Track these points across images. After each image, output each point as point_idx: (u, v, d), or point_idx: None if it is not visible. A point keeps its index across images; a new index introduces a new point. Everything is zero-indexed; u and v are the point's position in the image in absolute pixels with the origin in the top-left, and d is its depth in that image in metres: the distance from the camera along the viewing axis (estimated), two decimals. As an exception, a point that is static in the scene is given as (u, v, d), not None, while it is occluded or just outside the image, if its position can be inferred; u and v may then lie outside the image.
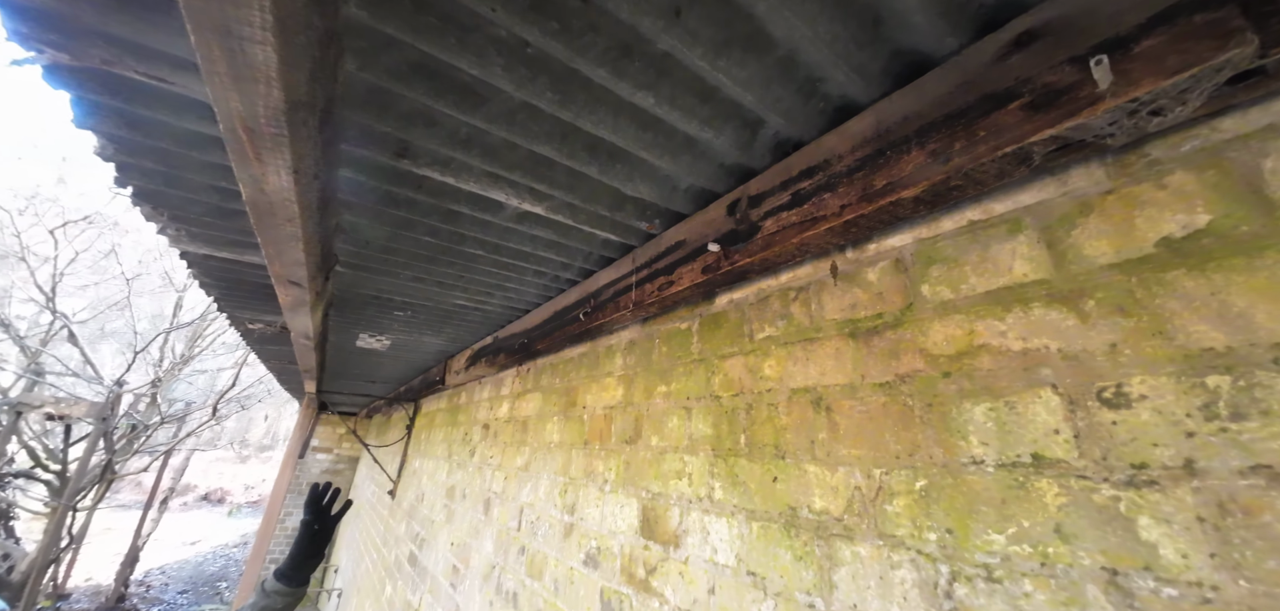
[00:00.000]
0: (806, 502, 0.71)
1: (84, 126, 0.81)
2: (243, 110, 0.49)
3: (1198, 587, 0.39)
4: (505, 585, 1.53)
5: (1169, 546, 0.41)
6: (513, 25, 0.58)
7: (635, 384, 1.23)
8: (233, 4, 0.37)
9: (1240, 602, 0.37)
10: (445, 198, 1.00)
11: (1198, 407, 0.41)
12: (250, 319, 2.06)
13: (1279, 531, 0.36)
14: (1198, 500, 0.40)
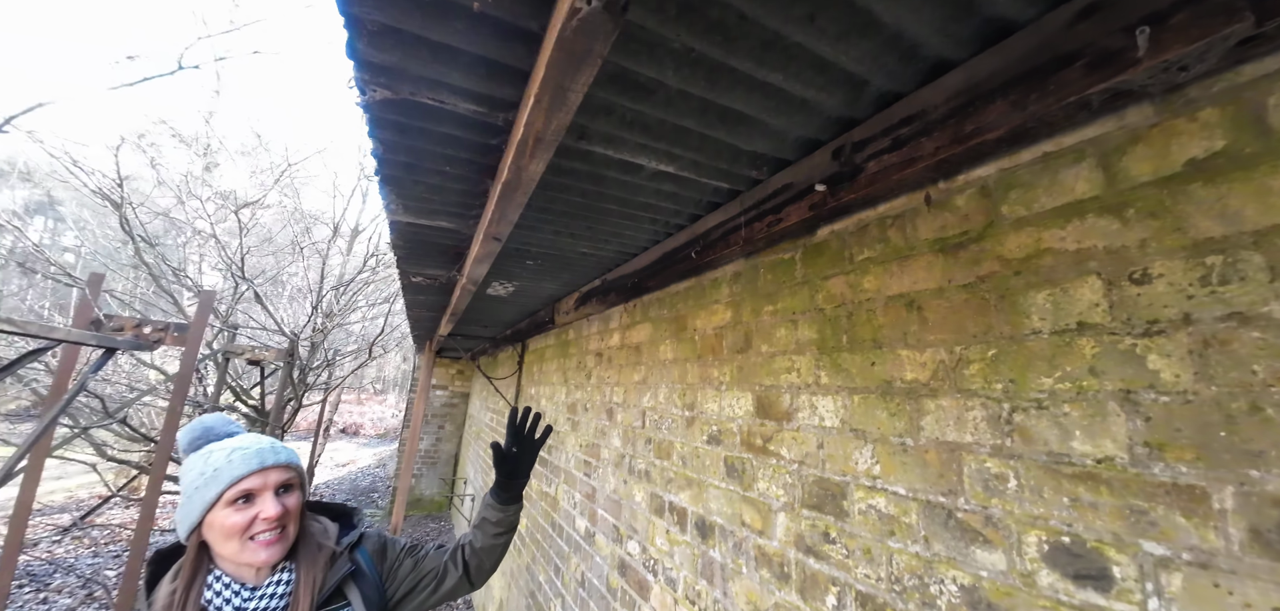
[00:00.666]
0: (899, 376, 0.95)
1: (372, 136, 1.20)
2: (541, 127, 0.80)
3: (1182, 394, 0.60)
4: (636, 466, 1.95)
5: (1167, 371, 0.61)
6: (686, 41, 0.83)
7: (743, 306, 1.50)
8: (572, 69, 0.66)
9: (1210, 398, 0.58)
10: (598, 165, 1.29)
11: (1197, 279, 0.60)
12: (415, 273, 2.59)
13: (1240, 354, 0.56)
14: (1189, 339, 0.60)
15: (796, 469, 1.16)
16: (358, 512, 1.05)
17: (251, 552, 0.83)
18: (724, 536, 1.37)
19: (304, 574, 0.87)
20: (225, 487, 0.81)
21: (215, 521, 0.81)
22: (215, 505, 0.81)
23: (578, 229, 1.83)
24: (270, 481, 0.85)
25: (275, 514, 0.83)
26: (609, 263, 2.34)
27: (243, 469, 0.83)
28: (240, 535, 0.82)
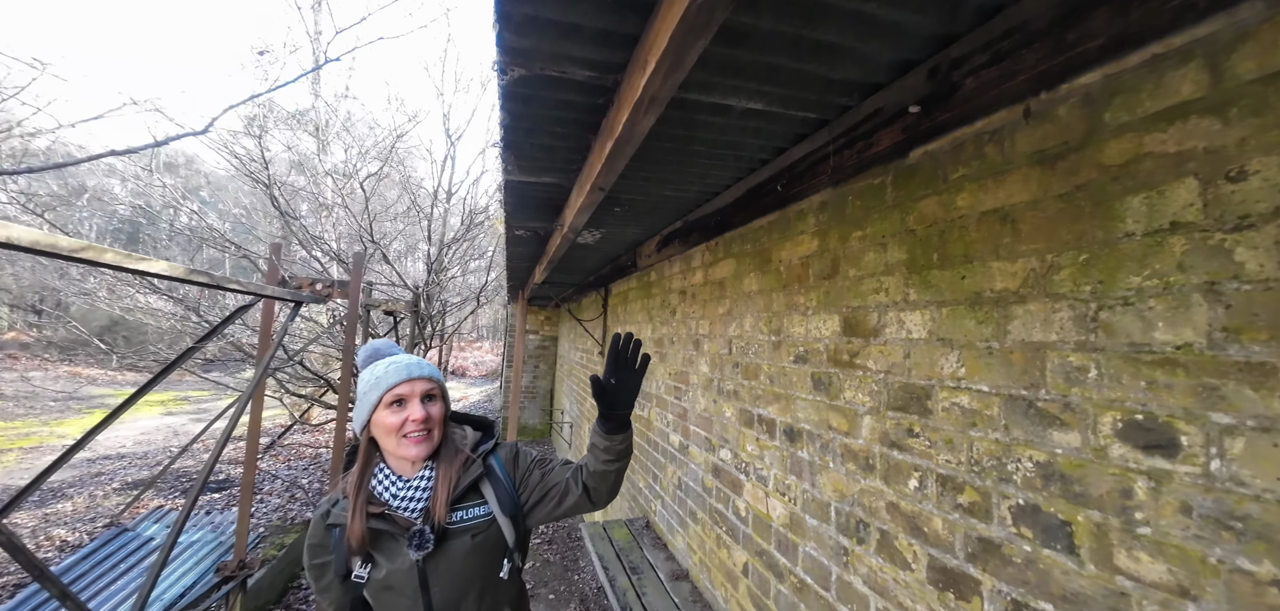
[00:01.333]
0: (988, 286, 1.03)
1: (503, 109, 1.43)
2: (657, 88, 0.96)
3: (1264, 282, 0.65)
4: (724, 387, 2.17)
5: (1252, 262, 0.66)
6: (782, -10, 0.92)
7: (830, 234, 1.59)
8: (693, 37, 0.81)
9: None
10: (691, 111, 1.42)
11: None
12: (519, 226, 2.92)
13: None
14: (1278, 231, 0.64)
15: (883, 377, 1.29)
16: (494, 425, 1.17)
17: (404, 447, 0.99)
18: (811, 439, 1.55)
19: (442, 471, 1.01)
20: (383, 392, 0.98)
21: (378, 420, 0.99)
22: (377, 407, 0.98)
23: (665, 174, 1.98)
24: (417, 390, 1.00)
25: (420, 417, 0.98)
26: (690, 204, 2.48)
27: (396, 378, 0.99)
28: (396, 432, 0.98)
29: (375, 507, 0.98)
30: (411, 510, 0.99)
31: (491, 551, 1.03)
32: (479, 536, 1.01)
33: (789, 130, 1.58)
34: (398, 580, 0.96)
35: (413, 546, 0.95)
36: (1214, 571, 0.68)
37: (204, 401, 11.94)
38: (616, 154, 1.30)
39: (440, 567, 0.98)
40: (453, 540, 0.99)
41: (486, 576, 1.02)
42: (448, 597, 0.98)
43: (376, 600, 0.99)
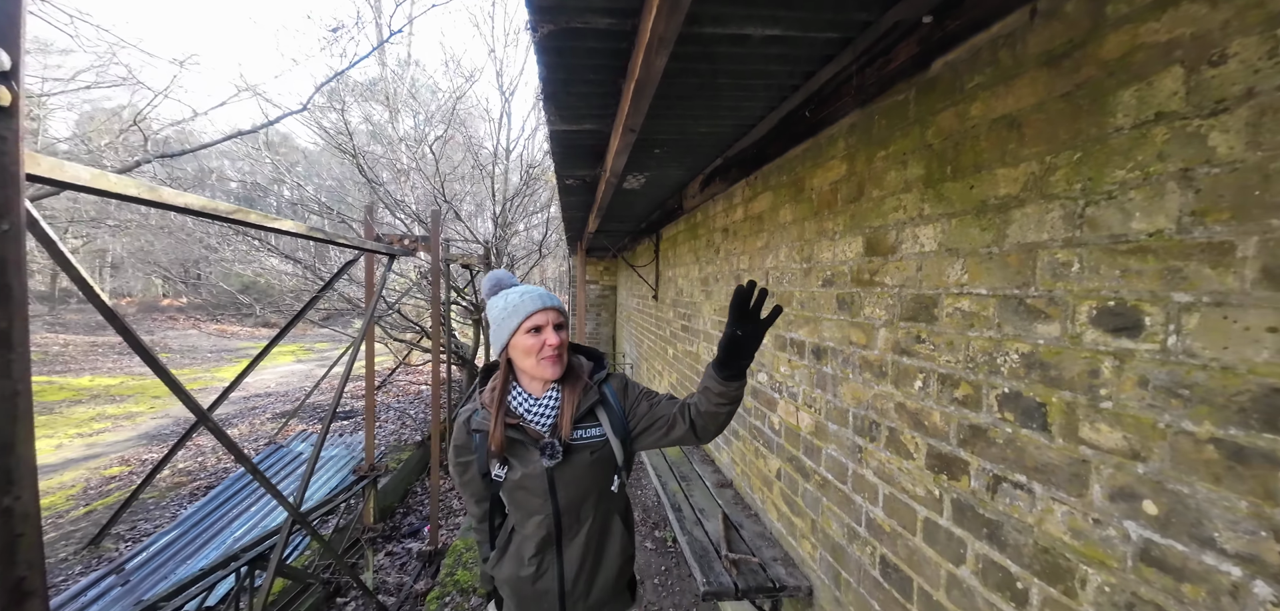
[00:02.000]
0: (993, 193, 1.06)
1: (540, 63, 1.59)
2: (663, 29, 1.08)
3: (1232, 164, 0.67)
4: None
5: (1223, 145, 0.68)
6: (776, -77, 0.98)
7: (857, 157, 1.61)
8: None
9: (1254, 163, 0.65)
10: (709, 44, 1.48)
11: (1265, 52, 0.63)
12: (568, 175, 3.13)
13: None
14: (1248, 111, 0.65)
15: (897, 291, 1.36)
16: (605, 357, 1.26)
17: (542, 368, 1.09)
18: (834, 355, 1.66)
19: (568, 393, 1.12)
20: (523, 318, 1.09)
21: (517, 344, 1.10)
22: (516, 332, 1.09)
23: (696, 110, 2.04)
24: (550, 318, 1.10)
25: (556, 342, 1.09)
26: (728, 139, 2.51)
27: (534, 306, 1.09)
28: (535, 354, 1.08)
29: (511, 419, 1.11)
30: (542, 424, 1.11)
31: (605, 467, 1.15)
32: (596, 453, 1.13)
33: (813, 53, 1.58)
34: (530, 482, 1.10)
35: (545, 455, 1.08)
36: (1162, 435, 0.75)
37: (324, 351, 13.99)
38: (640, 95, 1.43)
39: (565, 475, 1.11)
40: (575, 454, 1.11)
41: (601, 487, 1.15)
42: (570, 500, 1.12)
43: (511, 496, 1.15)
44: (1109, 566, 0.82)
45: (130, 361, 12.19)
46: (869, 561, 1.45)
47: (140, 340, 1.65)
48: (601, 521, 1.17)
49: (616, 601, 1.24)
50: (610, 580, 1.19)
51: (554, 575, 1.15)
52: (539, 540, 1.13)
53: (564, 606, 1.16)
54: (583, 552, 1.15)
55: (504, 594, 1.23)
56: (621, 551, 1.21)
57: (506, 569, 1.18)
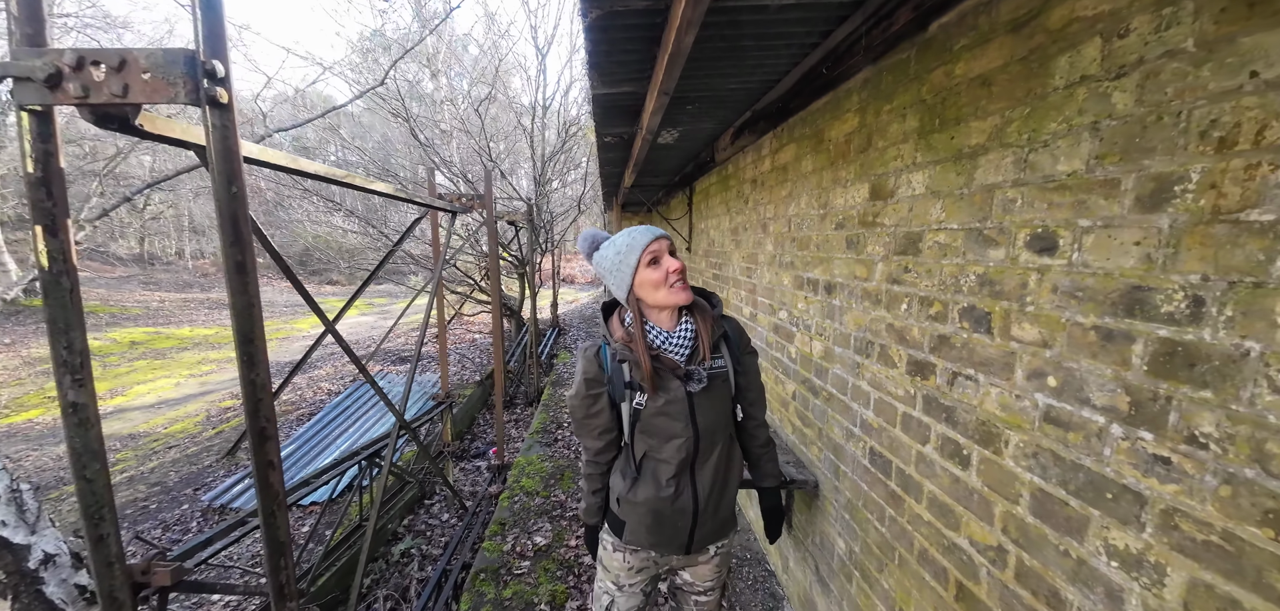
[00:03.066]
0: (967, 143, 1.27)
1: (587, 38, 1.84)
2: (691, 14, 1.32)
3: (1124, 117, 0.88)
4: (783, 260, 2.53)
5: (1121, 103, 0.88)
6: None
7: (867, 111, 1.79)
8: None
9: (1137, 117, 0.86)
10: (731, 12, 1.68)
11: (1153, 29, 0.83)
12: (607, 133, 3.38)
13: (1162, 80, 0.82)
14: (1138, 75, 0.85)
15: (893, 229, 1.59)
16: (716, 296, 1.29)
17: (673, 294, 1.14)
18: (842, 289, 1.91)
19: (701, 323, 1.19)
20: (640, 252, 1.14)
21: (642, 279, 1.14)
22: (638, 268, 1.14)
23: (725, 69, 2.24)
24: (664, 246, 1.16)
25: (679, 265, 1.15)
26: (755, 93, 2.67)
27: (647, 238, 1.15)
28: (662, 283, 1.13)
29: (655, 351, 1.17)
30: (680, 354, 1.19)
31: (730, 397, 1.25)
32: (723, 382, 1.22)
33: (828, 15, 1.74)
34: (672, 409, 1.17)
35: (691, 381, 1.16)
36: (1063, 327, 1.00)
37: (383, 305, 15.19)
38: (672, 65, 1.67)
39: (704, 402, 1.19)
40: (713, 383, 1.19)
41: (728, 415, 1.26)
42: (708, 424, 1.20)
43: (649, 424, 1.20)
44: (1023, 428, 1.09)
45: (220, 314, 13.75)
46: (861, 453, 1.76)
47: (304, 287, 2.10)
48: (728, 446, 1.27)
49: (729, 523, 1.37)
50: (732, 501, 1.33)
51: (690, 495, 1.23)
52: (678, 463, 1.20)
53: (696, 521, 1.26)
54: (714, 474, 1.24)
55: (638, 517, 1.28)
56: (739, 473, 1.34)
57: (643, 492, 1.24)
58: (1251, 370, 0.72)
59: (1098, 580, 0.94)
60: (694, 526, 1.26)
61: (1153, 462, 0.85)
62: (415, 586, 2.85)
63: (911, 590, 1.49)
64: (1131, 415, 0.88)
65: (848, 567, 1.85)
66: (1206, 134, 0.77)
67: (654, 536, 1.28)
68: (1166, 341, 0.83)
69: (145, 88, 1.15)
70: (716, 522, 1.30)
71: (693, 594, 1.43)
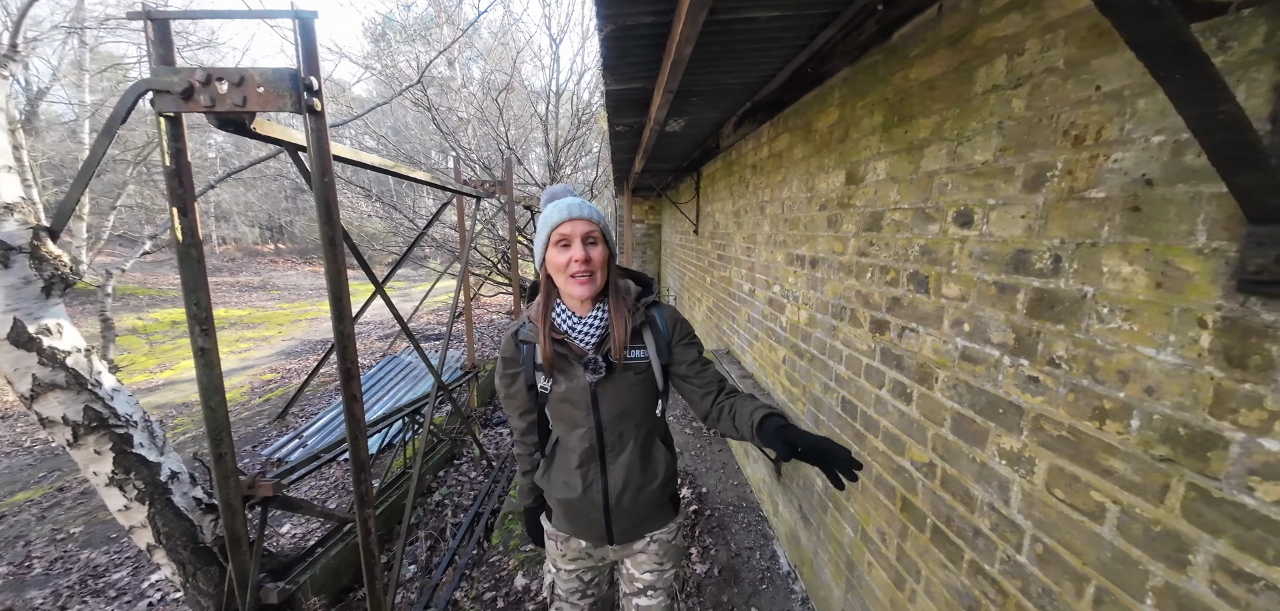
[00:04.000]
0: (916, 137, 1.53)
1: (602, 46, 2.11)
2: (688, 31, 1.58)
3: (1018, 119, 1.14)
4: (777, 239, 2.80)
5: (1018, 107, 1.14)
6: (763, -47, 1.44)
7: (846, 106, 2.04)
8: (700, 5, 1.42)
9: (1027, 117, 1.12)
10: (726, 23, 1.93)
11: (1040, 49, 1.08)
12: (618, 123, 3.64)
13: (1043, 89, 1.08)
14: (1029, 85, 1.11)
15: (862, 210, 1.85)
16: (653, 282, 1.24)
17: (571, 286, 1.05)
18: (823, 264, 2.18)
19: (616, 311, 1.10)
20: (549, 231, 1.05)
21: (549, 258, 1.07)
22: (548, 246, 1.06)
23: (725, 66, 2.49)
24: (577, 231, 1.04)
25: (581, 257, 1.03)
26: (754, 87, 2.91)
27: (558, 217, 1.05)
28: (563, 270, 1.05)
29: (557, 334, 1.11)
30: (586, 342, 1.11)
31: (648, 390, 1.16)
32: (640, 375, 1.13)
33: (810, 23, 1.99)
34: (574, 396, 1.11)
35: (589, 370, 1.09)
36: (975, 284, 1.27)
37: (403, 289, 15.70)
38: (674, 69, 1.94)
39: (608, 392, 1.12)
40: (618, 372, 1.11)
41: (644, 409, 1.16)
42: (612, 416, 1.12)
43: (555, 409, 1.17)
44: (948, 366, 1.37)
45: (251, 295, 14.41)
46: (835, 403, 2.05)
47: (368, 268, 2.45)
48: (643, 441, 1.18)
49: (660, 514, 1.27)
50: (653, 496, 1.21)
51: (599, 488, 1.17)
52: (582, 452, 1.15)
53: (609, 516, 1.19)
54: (627, 470, 1.16)
55: (552, 504, 1.27)
56: (665, 469, 1.22)
57: (555, 478, 1.22)
58: (1088, 307, 1.00)
59: (993, 476, 1.23)
60: (608, 520, 1.19)
61: (1028, 382, 1.13)
62: (450, 528, 3.24)
63: (870, 510, 1.79)
64: (1015, 347, 1.16)
65: (824, 501, 2.16)
66: (1067, 132, 1.04)
67: (572, 523, 1.25)
68: (1038, 290, 1.10)
69: (259, 99, 1.47)
70: (638, 517, 1.22)
71: (633, 595, 1.32)
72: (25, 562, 2.94)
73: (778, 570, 2.58)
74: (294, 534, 3.15)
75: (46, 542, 3.13)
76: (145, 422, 1.81)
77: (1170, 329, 0.85)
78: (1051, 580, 1.08)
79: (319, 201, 1.53)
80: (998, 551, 1.22)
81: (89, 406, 1.63)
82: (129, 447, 1.70)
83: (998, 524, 1.22)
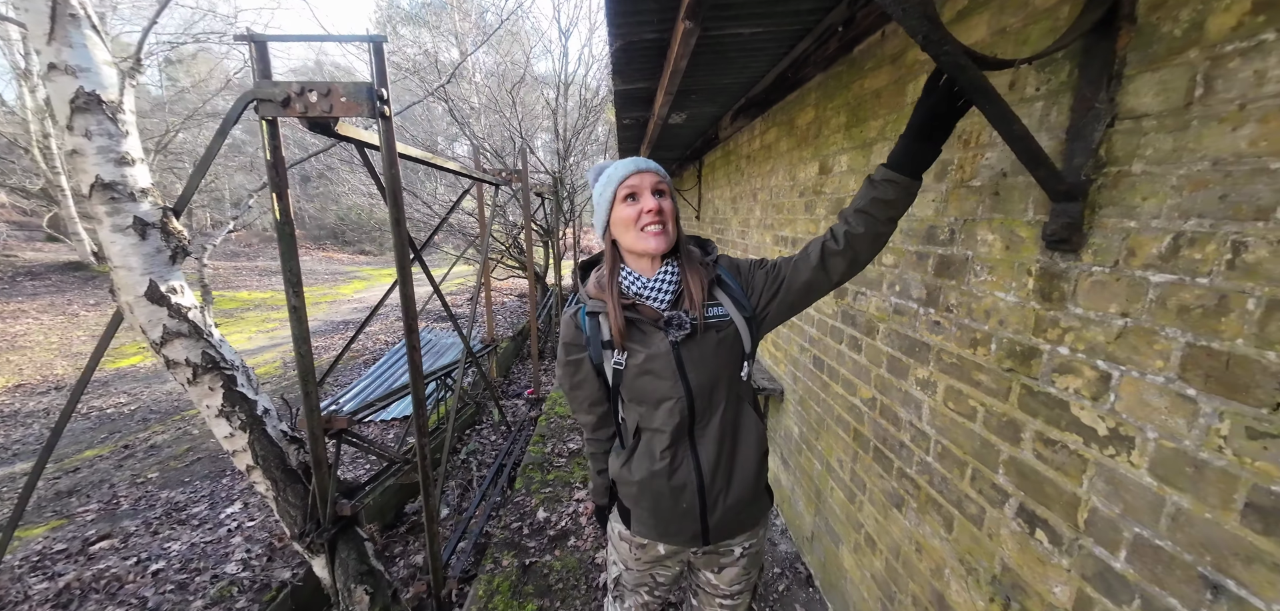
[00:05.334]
0: (867, 135, 1.88)
1: (613, 55, 2.46)
2: (681, 52, 1.94)
3: None
4: (766, 222, 3.16)
5: None
6: (743, -13, 1.78)
7: (820, 107, 2.39)
8: (689, 36, 1.78)
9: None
10: (715, 38, 2.28)
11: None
12: (625, 117, 4.00)
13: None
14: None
15: (830, 196, 2.21)
16: (711, 242, 1.15)
17: (644, 239, 0.99)
18: (800, 243, 2.54)
19: (688, 270, 1.02)
20: (616, 186, 1.00)
21: (616, 217, 1.02)
22: (614, 204, 1.01)
23: (720, 69, 2.83)
24: (646, 182, 1.00)
25: (654, 207, 0.99)
26: (747, 85, 3.25)
27: (625, 171, 1.01)
28: (634, 224, 0.99)
29: (627, 300, 1.02)
30: (660, 302, 1.02)
31: (733, 349, 1.04)
32: (722, 333, 1.03)
33: (789, 36, 2.33)
34: (656, 364, 1.00)
35: (671, 329, 1.00)
36: (903, 253, 1.64)
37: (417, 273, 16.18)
38: (672, 76, 2.30)
39: (694, 354, 1.01)
40: (702, 333, 1.01)
41: (731, 371, 1.05)
42: (702, 381, 1.01)
43: (634, 386, 1.04)
44: (886, 319, 1.75)
45: (271, 280, 14.96)
46: (808, 361, 2.43)
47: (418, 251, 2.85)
48: (734, 408, 1.07)
49: (757, 503, 1.15)
50: (750, 475, 1.10)
51: (691, 467, 1.06)
52: (672, 429, 1.04)
53: (704, 501, 1.07)
54: (718, 441, 1.05)
55: (636, 498, 1.12)
56: (758, 442, 1.12)
57: (638, 469, 1.09)
58: (969, 266, 1.37)
59: (912, 400, 1.61)
60: (703, 508, 1.08)
61: (933, 325, 1.50)
62: (476, 479, 3.68)
63: (832, 444, 2.18)
64: (926, 300, 1.53)
65: (798, 444, 2.55)
66: (960, 136, 1.40)
67: (659, 523, 1.12)
68: (940, 255, 1.47)
69: (343, 106, 1.86)
70: (734, 504, 1.09)
71: (717, 596, 1.24)
72: (112, 500, 3.42)
73: (762, 509, 2.99)
74: (345, 476, 3.61)
75: (128, 485, 3.60)
76: (244, 368, 2.23)
77: (1013, 277, 1.22)
78: (946, 470, 1.46)
79: (388, 188, 1.93)
80: (915, 456, 1.60)
81: (205, 351, 2.05)
82: (234, 387, 2.12)
83: (915, 435, 1.60)
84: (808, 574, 2.45)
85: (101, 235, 1.86)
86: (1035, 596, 1.16)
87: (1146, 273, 0.92)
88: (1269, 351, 0.75)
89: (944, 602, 1.47)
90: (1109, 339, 0.98)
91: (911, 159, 0.95)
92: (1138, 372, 0.93)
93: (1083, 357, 1.04)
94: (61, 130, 1.78)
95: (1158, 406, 0.90)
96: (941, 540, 1.48)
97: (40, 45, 1.72)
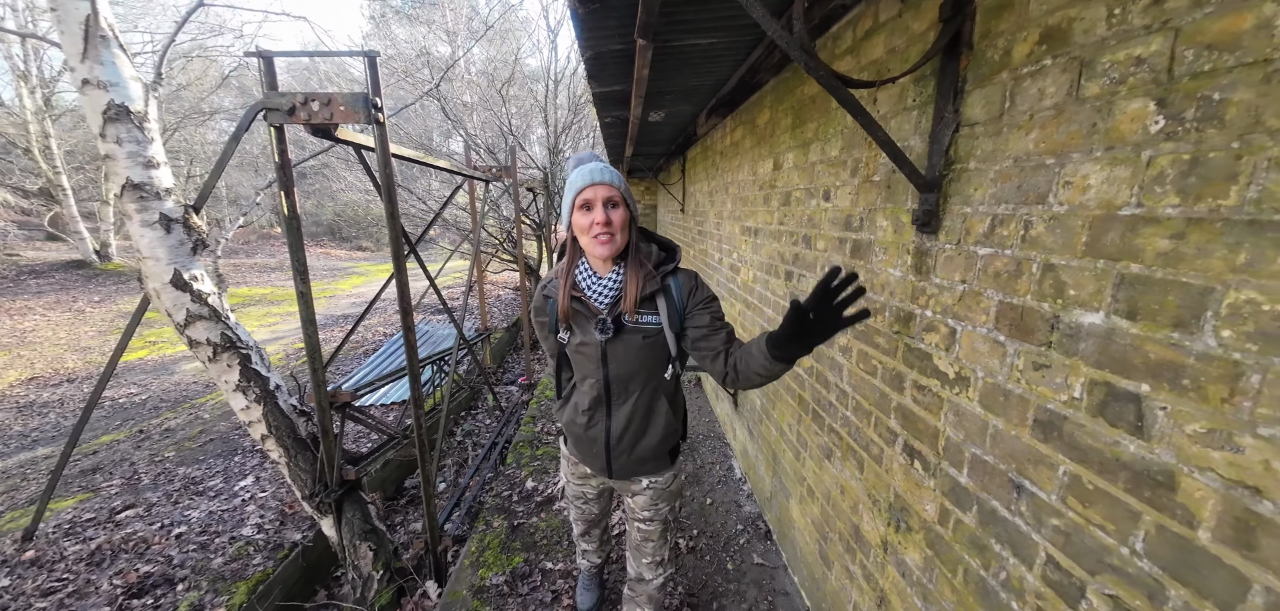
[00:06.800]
0: (806, 136, 2.13)
1: (587, 64, 2.70)
2: (644, 67, 2.18)
3: (855, 129, 1.76)
4: (736, 215, 3.41)
5: (849, 123, 1.76)
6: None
7: (774, 108, 2.64)
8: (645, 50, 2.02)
9: (854, 129, 1.73)
10: (677, 48, 2.52)
11: (915, 81, 1.70)
12: (606, 116, 4.24)
13: None
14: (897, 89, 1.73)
15: (781, 190, 2.47)
16: (678, 249, 1.25)
17: (593, 246, 1.14)
18: (760, 232, 2.81)
19: (630, 274, 1.17)
20: (573, 195, 1.14)
21: (574, 220, 1.16)
22: (573, 209, 1.15)
23: (686, 73, 3.07)
24: (599, 195, 1.11)
25: (602, 220, 1.11)
26: (715, 87, 3.47)
27: (581, 182, 1.12)
28: (586, 232, 1.13)
29: (576, 292, 1.20)
30: (601, 301, 1.19)
31: (658, 353, 1.23)
32: (648, 339, 1.20)
33: (744, 45, 2.57)
34: (586, 350, 1.22)
35: (598, 330, 1.18)
36: (831, 240, 1.90)
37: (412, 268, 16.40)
38: (639, 83, 2.54)
39: (617, 351, 1.21)
40: (628, 334, 1.19)
41: (651, 369, 1.25)
42: (619, 373, 1.23)
43: (573, 357, 1.29)
44: (817, 296, 2.01)
45: (269, 276, 15.17)
46: (765, 337, 2.70)
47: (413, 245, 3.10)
48: (648, 397, 1.28)
49: (656, 462, 1.39)
50: (652, 446, 1.33)
51: (602, 428, 1.31)
52: (591, 398, 1.28)
53: (609, 453, 1.34)
54: (628, 418, 1.28)
55: (566, 432, 1.45)
56: (665, 427, 1.33)
57: (566, 414, 1.39)
58: (872, 248, 1.63)
59: (837, 365, 1.87)
60: (609, 457, 1.34)
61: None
62: (471, 457, 3.96)
63: (785, 413, 2.45)
64: (844, 278, 1.79)
65: (760, 415, 2.82)
66: (865, 140, 1.65)
67: (579, 452, 1.44)
68: (855, 240, 1.73)
69: (342, 114, 2.11)
70: (634, 461, 1.35)
71: (634, 518, 1.51)
72: (133, 476, 3.68)
73: (732, 477, 3.27)
74: (349, 450, 3.88)
75: (147, 463, 3.87)
76: (257, 348, 2.49)
77: (898, 255, 1.49)
78: (858, 421, 1.73)
79: (383, 186, 2.18)
80: (838, 412, 1.87)
81: (224, 333, 2.31)
82: (249, 364, 2.38)
83: (839, 395, 1.87)
84: (767, 529, 2.73)
85: (131, 230, 2.11)
86: (915, 515, 1.43)
87: (976, 247, 1.18)
88: (1044, 303, 1.01)
89: (859, 533, 1.74)
90: (954, 301, 1.25)
91: (783, 351, 1.06)
92: (971, 326, 1.20)
93: (939, 317, 1.30)
94: (95, 138, 2.02)
95: (982, 351, 1.17)
96: (856, 480, 1.75)
97: (75, 63, 1.96)
